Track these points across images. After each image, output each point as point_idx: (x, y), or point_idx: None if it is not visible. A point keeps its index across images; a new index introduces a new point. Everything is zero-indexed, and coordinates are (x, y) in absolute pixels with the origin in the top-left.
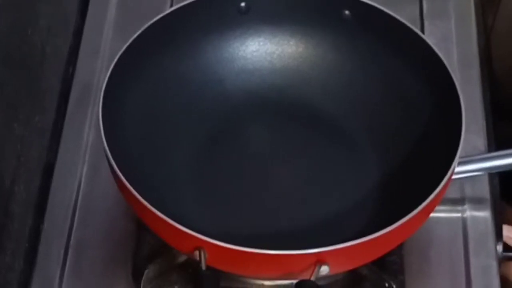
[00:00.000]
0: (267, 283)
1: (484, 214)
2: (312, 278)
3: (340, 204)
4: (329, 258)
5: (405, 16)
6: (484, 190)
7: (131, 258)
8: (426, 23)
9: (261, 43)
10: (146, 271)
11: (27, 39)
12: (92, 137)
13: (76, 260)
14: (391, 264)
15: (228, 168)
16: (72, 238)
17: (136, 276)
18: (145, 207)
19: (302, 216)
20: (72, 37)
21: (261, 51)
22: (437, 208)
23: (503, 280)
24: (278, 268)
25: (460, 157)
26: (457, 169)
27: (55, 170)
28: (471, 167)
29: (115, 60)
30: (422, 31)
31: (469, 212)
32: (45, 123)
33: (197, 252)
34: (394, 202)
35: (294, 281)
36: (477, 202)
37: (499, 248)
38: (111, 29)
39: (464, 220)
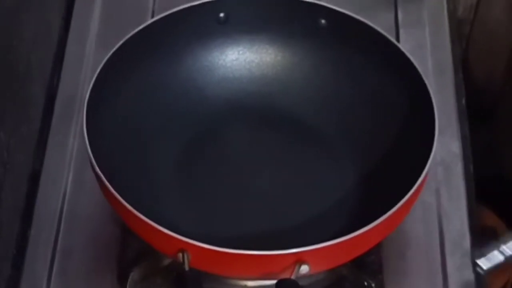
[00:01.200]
0: (250, 283)
1: (460, 214)
2: (293, 277)
3: (319, 205)
4: (309, 258)
5: (381, 25)
6: (460, 190)
7: (116, 262)
8: (401, 31)
9: (240, 52)
10: (131, 274)
11: (12, 50)
12: (76, 145)
13: (63, 265)
14: (370, 264)
15: (209, 173)
16: (59, 243)
17: (122, 279)
18: (129, 211)
19: (282, 217)
20: (56, 49)
21: (241, 60)
22: (414, 208)
23: None
24: (259, 268)
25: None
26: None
27: (41, 177)
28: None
29: (98, 70)
30: (398, 39)
31: (445, 213)
32: (31, 132)
33: (180, 254)
34: (371, 202)
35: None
36: (453, 203)
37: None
38: (94, 41)
39: (440, 221)
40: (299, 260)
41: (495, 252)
